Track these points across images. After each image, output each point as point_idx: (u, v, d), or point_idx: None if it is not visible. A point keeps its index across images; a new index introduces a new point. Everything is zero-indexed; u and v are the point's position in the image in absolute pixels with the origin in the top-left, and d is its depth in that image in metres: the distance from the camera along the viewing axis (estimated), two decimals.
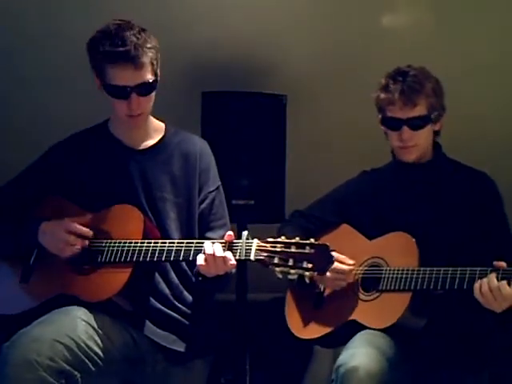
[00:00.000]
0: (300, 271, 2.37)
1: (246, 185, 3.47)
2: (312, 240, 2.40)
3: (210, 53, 3.53)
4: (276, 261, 2.38)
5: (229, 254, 2.46)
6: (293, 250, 2.38)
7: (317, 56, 3.57)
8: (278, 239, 2.42)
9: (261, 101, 3.49)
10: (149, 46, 2.61)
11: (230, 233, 2.52)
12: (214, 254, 2.46)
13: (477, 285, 2.49)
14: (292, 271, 2.37)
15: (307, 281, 2.39)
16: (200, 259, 2.48)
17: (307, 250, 2.37)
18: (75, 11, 3.37)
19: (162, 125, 2.82)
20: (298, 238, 2.41)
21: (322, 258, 2.38)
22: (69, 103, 3.62)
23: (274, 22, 3.47)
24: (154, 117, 2.81)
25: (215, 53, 3.53)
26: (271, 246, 2.40)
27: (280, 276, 2.39)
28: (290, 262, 2.37)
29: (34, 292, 2.62)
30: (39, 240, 2.62)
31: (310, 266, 2.36)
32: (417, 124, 2.73)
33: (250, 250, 2.43)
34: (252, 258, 2.43)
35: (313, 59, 3.59)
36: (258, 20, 3.46)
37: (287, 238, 2.42)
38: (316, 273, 2.37)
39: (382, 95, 2.76)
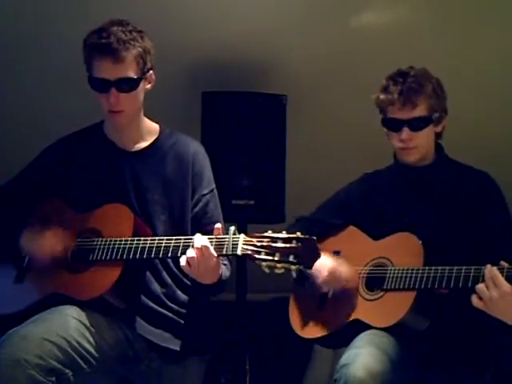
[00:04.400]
0: (286, 265, 2.35)
1: (246, 185, 3.47)
2: (298, 234, 2.38)
3: (210, 53, 3.53)
4: (262, 255, 2.37)
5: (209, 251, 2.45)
6: (279, 244, 2.37)
7: (317, 56, 3.57)
8: (265, 234, 2.41)
9: (261, 101, 3.50)
10: (135, 43, 2.61)
11: (219, 225, 2.51)
12: (196, 258, 2.46)
13: (474, 295, 2.48)
14: (278, 265, 2.35)
15: (294, 275, 2.39)
16: (183, 261, 2.47)
17: (293, 243, 2.36)
18: (75, 11, 3.37)
19: (157, 126, 2.80)
20: (284, 232, 2.40)
21: (308, 252, 2.37)
22: (69, 103, 3.62)
23: (274, 22, 3.47)
24: (149, 118, 2.79)
25: (215, 53, 3.53)
26: (258, 241, 2.39)
27: (267, 270, 2.38)
28: (277, 257, 2.36)
29: (28, 292, 2.63)
30: (21, 244, 2.65)
31: (296, 259, 2.35)
32: (417, 125, 2.73)
33: (237, 244, 2.42)
34: (239, 252, 2.41)
35: (313, 59, 3.59)
36: (258, 20, 3.47)
37: (274, 233, 2.41)
38: (302, 266, 2.37)
39: (382, 96, 2.75)
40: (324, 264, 2.73)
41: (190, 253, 2.45)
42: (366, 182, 2.95)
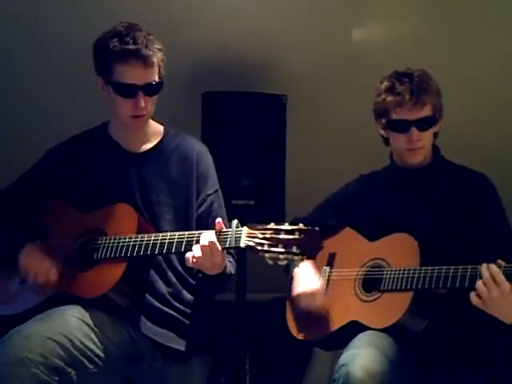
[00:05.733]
0: (289, 256, 2.36)
1: (246, 185, 3.47)
2: (301, 225, 2.39)
3: (210, 53, 3.53)
4: (266, 247, 2.38)
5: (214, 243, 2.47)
6: (282, 235, 2.38)
7: (317, 56, 3.57)
8: (268, 226, 2.42)
9: (261, 101, 3.50)
10: (157, 47, 2.64)
11: (219, 220, 2.52)
12: (203, 255, 2.47)
13: (472, 294, 2.48)
14: (281, 257, 2.37)
15: (298, 266, 2.42)
16: (189, 259, 2.49)
17: (296, 235, 2.37)
18: (75, 11, 3.37)
19: (161, 127, 2.82)
20: (286, 224, 2.41)
21: (311, 243, 2.38)
22: (69, 103, 3.62)
23: (274, 22, 3.47)
24: (154, 119, 2.81)
25: (215, 53, 3.53)
26: (261, 233, 2.40)
27: (270, 262, 2.38)
28: (280, 248, 2.36)
29: (33, 291, 2.64)
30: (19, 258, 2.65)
31: (299, 250, 2.36)
32: (424, 125, 2.73)
33: (240, 237, 2.44)
34: (242, 245, 2.42)
35: (313, 59, 3.59)
36: (258, 20, 3.47)
37: (277, 225, 2.42)
38: (305, 257, 2.38)
39: (389, 97, 2.73)
40: (307, 283, 2.76)
41: (197, 252, 2.46)
42: (362, 184, 2.95)
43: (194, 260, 2.48)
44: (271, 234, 2.39)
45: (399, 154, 2.82)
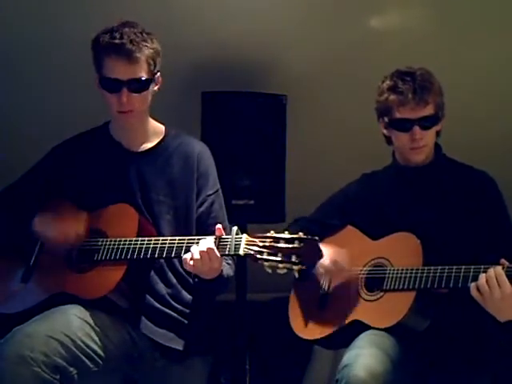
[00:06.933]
0: (288, 265, 2.37)
1: (246, 185, 3.47)
2: (301, 234, 2.40)
3: (209, 53, 3.53)
4: (265, 255, 2.38)
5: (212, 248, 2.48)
6: (281, 244, 2.38)
7: (317, 56, 3.58)
8: (267, 234, 2.42)
9: (261, 101, 3.50)
10: (146, 44, 2.64)
11: (219, 226, 2.53)
12: (201, 260, 2.47)
13: (473, 286, 2.49)
14: (280, 265, 2.37)
15: (296, 275, 2.40)
16: (187, 261, 2.49)
17: (296, 244, 2.38)
18: (75, 11, 3.37)
19: (162, 127, 2.82)
20: (286, 233, 2.41)
21: (311, 252, 2.38)
22: (69, 104, 3.62)
23: (274, 22, 3.47)
24: (155, 119, 2.81)
25: (215, 53, 3.53)
26: (260, 241, 2.41)
27: (269, 271, 2.39)
28: (279, 257, 2.37)
29: (34, 291, 2.64)
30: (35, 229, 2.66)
31: (298, 260, 2.36)
32: (427, 123, 2.73)
33: (239, 244, 2.44)
34: (241, 252, 2.43)
35: (313, 59, 3.59)
36: (258, 20, 3.47)
37: (276, 233, 2.42)
38: (304, 267, 2.38)
39: (392, 96, 2.73)
40: (325, 253, 2.72)
41: (196, 254, 2.47)
42: (364, 183, 2.95)
43: (192, 263, 2.48)
44: (271, 242, 2.40)
45: (402, 153, 2.82)
